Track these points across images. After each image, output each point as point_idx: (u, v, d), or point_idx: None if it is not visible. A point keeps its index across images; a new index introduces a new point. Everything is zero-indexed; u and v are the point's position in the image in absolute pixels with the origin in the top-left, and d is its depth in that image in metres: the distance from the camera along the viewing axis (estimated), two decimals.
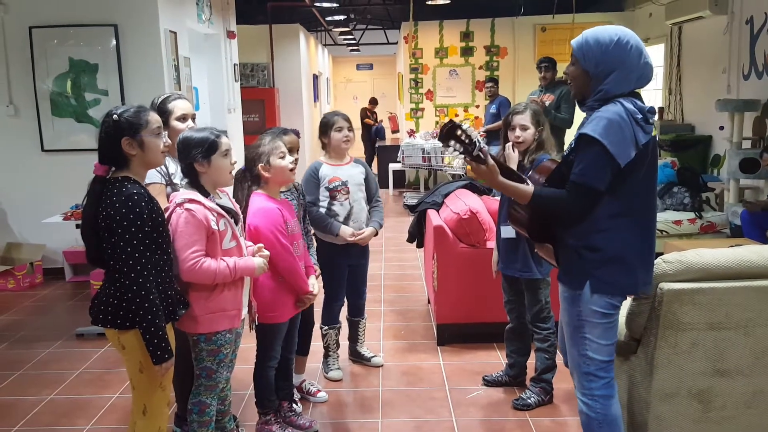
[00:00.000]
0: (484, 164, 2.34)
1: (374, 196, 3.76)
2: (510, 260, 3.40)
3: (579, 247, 2.35)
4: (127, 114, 2.29)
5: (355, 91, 18.16)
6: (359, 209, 3.64)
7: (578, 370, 2.46)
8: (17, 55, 5.78)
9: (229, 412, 2.86)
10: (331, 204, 3.58)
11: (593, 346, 2.39)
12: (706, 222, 6.04)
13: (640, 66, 2.28)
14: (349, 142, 3.60)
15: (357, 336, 3.98)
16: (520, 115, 3.26)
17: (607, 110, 2.25)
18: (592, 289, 2.33)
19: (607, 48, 2.26)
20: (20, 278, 5.82)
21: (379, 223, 3.71)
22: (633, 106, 2.25)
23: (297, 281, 3.01)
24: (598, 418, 2.42)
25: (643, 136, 2.24)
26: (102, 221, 2.23)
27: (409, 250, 6.68)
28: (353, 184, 3.62)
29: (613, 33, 2.28)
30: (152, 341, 2.25)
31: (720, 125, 6.93)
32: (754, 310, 2.56)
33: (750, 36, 6.47)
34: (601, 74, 2.29)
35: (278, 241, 2.89)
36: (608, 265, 2.32)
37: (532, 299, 3.41)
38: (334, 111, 3.76)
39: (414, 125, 10.93)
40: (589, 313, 2.36)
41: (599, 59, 2.28)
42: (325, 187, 3.56)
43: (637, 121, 2.23)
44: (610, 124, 2.21)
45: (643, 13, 9.53)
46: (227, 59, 7.97)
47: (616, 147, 2.21)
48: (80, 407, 3.55)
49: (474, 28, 10.67)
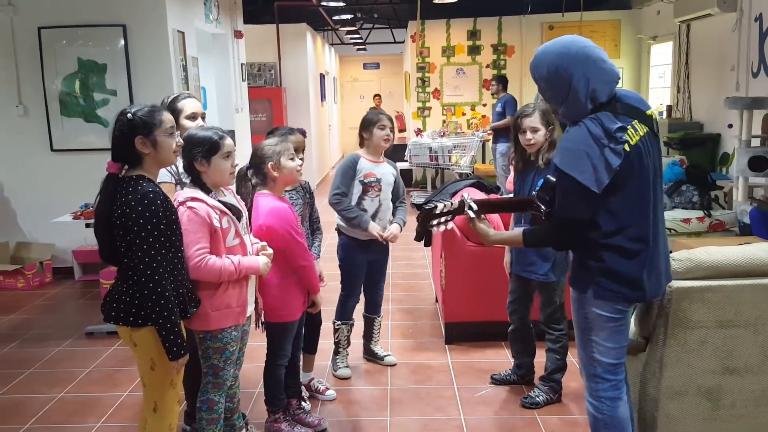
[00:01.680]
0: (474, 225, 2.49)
1: (401, 196, 3.84)
2: (525, 262, 3.38)
3: (584, 255, 2.36)
4: (141, 113, 2.30)
5: (362, 90, 18.15)
6: (386, 208, 3.72)
7: (586, 371, 2.47)
8: (26, 55, 5.82)
9: (238, 409, 2.87)
10: (361, 198, 3.64)
11: (600, 349, 2.39)
12: (715, 220, 6.02)
13: (582, 89, 2.20)
14: (388, 141, 3.67)
15: (372, 334, 4.00)
16: (529, 118, 3.24)
17: (569, 139, 2.23)
18: (595, 295, 2.34)
19: (551, 80, 2.26)
20: (30, 277, 5.85)
21: (403, 220, 3.79)
22: (599, 130, 2.16)
23: (311, 279, 3.04)
24: (605, 420, 2.42)
25: (614, 159, 2.14)
26: (117, 219, 2.24)
27: (417, 249, 6.68)
28: (385, 183, 3.69)
29: (552, 62, 2.23)
30: (168, 337, 2.27)
31: (729, 123, 6.90)
32: (764, 307, 2.55)
33: (759, 33, 6.43)
34: (555, 105, 2.33)
35: (293, 239, 2.90)
36: (611, 276, 2.30)
37: (546, 301, 3.39)
38: (378, 110, 3.87)
39: (421, 124, 10.93)
40: (595, 316, 2.37)
41: (547, 92, 2.32)
42: (359, 181, 3.62)
43: (604, 145, 2.15)
44: (575, 155, 2.17)
45: (652, 11, 9.48)
46: (235, 59, 7.99)
47: (586, 176, 2.14)
48: (90, 405, 3.58)
49: (481, 27, 10.66)
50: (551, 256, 3.28)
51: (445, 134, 9.89)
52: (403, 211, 3.83)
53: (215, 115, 7.59)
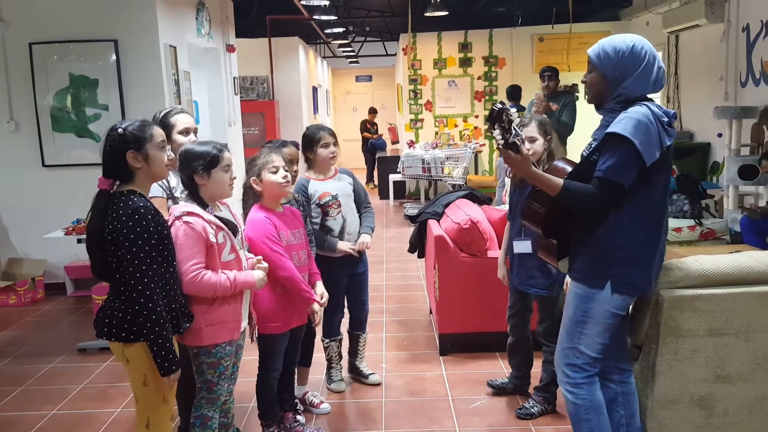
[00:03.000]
0: (518, 153, 2.39)
1: (364, 202, 3.72)
2: (524, 276, 3.37)
3: (601, 248, 2.40)
4: (132, 128, 2.31)
5: (355, 102, 18.21)
6: (352, 220, 3.62)
7: (565, 360, 2.53)
8: (18, 71, 5.82)
9: (232, 424, 2.86)
10: (324, 220, 3.54)
11: (587, 342, 2.47)
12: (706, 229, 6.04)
13: (654, 71, 2.38)
14: (335, 158, 3.55)
15: (357, 350, 3.92)
16: (526, 128, 3.23)
17: (636, 111, 2.33)
18: (613, 289, 2.40)
19: (623, 53, 2.37)
20: (22, 293, 5.82)
21: (371, 227, 3.69)
22: (658, 110, 2.34)
23: (296, 288, 2.99)
24: (585, 404, 2.50)
25: (667, 139, 2.34)
26: (108, 235, 2.24)
27: (411, 261, 6.68)
28: (343, 196, 3.58)
29: (628, 39, 2.41)
30: (160, 353, 2.26)
31: (718, 132, 6.95)
32: (754, 315, 2.57)
33: (746, 43, 6.50)
34: (619, 78, 2.39)
35: (269, 249, 2.90)
36: (628, 266, 2.40)
37: (545, 315, 3.37)
38: (318, 125, 3.69)
39: (414, 136, 10.96)
40: (600, 312, 2.42)
41: (615, 64, 2.38)
42: (316, 204, 3.52)
43: (662, 124, 2.32)
44: (639, 124, 2.29)
45: (640, 22, 9.57)
46: (227, 73, 8.01)
47: (644, 146, 2.29)
48: (83, 422, 3.55)
49: (472, 39, 10.73)
50: (552, 271, 3.27)
51: (438, 146, 9.93)
52: (371, 217, 3.72)
53: (208, 129, 7.60)
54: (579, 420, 2.53)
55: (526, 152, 2.41)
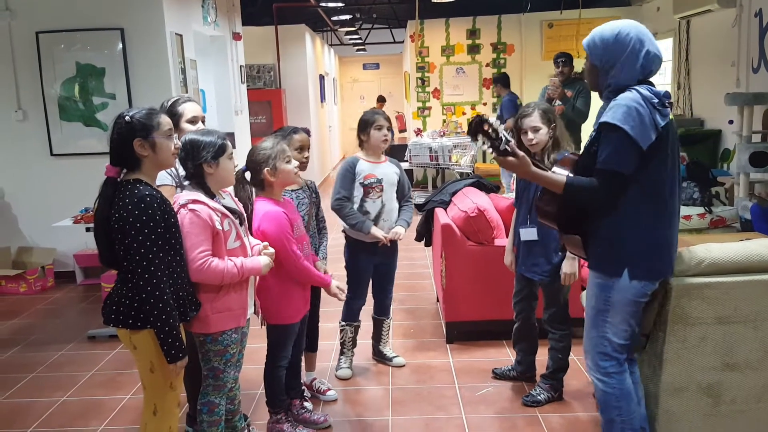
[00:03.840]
0: (514, 157, 2.38)
1: (406, 195, 3.78)
2: (530, 263, 3.37)
3: (614, 237, 2.40)
4: (139, 115, 2.31)
5: (362, 90, 18.15)
6: (390, 208, 3.67)
7: (594, 350, 2.53)
8: (25, 60, 5.83)
9: (239, 411, 2.87)
10: (363, 201, 3.61)
11: (613, 330, 2.48)
12: (716, 216, 6.00)
13: (641, 56, 2.35)
14: (387, 141, 3.64)
15: (381, 335, 3.99)
16: (529, 118, 3.22)
17: (624, 97, 2.33)
18: (631, 276, 2.39)
19: (608, 42, 2.38)
20: (32, 282, 5.86)
21: (407, 221, 3.74)
22: (648, 92, 2.32)
23: (311, 280, 3.05)
24: (615, 393, 2.51)
25: (661, 119, 2.32)
26: (115, 223, 2.25)
27: (418, 249, 6.67)
28: (387, 183, 3.65)
29: (615, 27, 2.39)
30: (167, 340, 2.27)
31: (729, 119, 6.89)
32: (763, 303, 2.55)
33: (759, 29, 6.41)
34: (606, 67, 2.40)
35: (285, 248, 2.89)
36: (645, 253, 2.39)
37: (550, 301, 3.37)
38: (374, 110, 3.79)
39: (421, 124, 10.92)
40: (621, 300, 2.43)
41: (602, 53, 2.40)
42: (360, 183, 3.60)
43: (654, 105, 2.30)
44: (629, 110, 2.29)
45: (651, 8, 9.47)
46: (233, 61, 7.99)
47: (636, 131, 2.28)
48: (93, 409, 3.58)
49: (480, 26, 10.64)
50: (556, 256, 3.26)
51: (445, 134, 9.89)
52: (409, 211, 3.77)
53: (215, 118, 7.59)
54: (609, 407, 2.54)
55: (522, 154, 2.39)
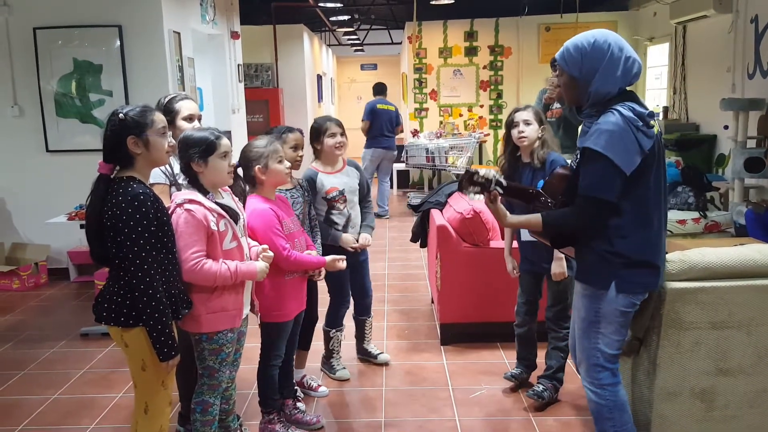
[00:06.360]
0: (495, 201, 2.45)
1: (366, 197, 3.75)
2: (537, 258, 3.35)
3: (603, 251, 2.38)
4: (133, 113, 2.30)
5: (360, 91, 18.14)
6: (356, 214, 3.66)
7: (588, 361, 2.51)
8: (22, 56, 5.81)
9: (233, 411, 2.86)
10: (329, 213, 3.56)
11: (605, 340, 2.46)
12: (711, 221, 6.02)
13: (620, 63, 2.31)
14: (341, 147, 3.56)
15: (363, 335, 3.99)
16: (523, 112, 3.28)
17: (607, 122, 2.27)
18: (618, 289, 2.38)
19: (586, 51, 2.32)
20: (25, 278, 5.84)
21: (371, 227, 3.72)
22: (631, 114, 2.26)
23: (306, 267, 3.06)
24: (608, 404, 2.49)
25: (646, 142, 2.26)
26: (107, 221, 2.24)
27: (413, 250, 6.68)
28: (349, 191, 3.61)
29: (589, 36, 2.35)
30: (159, 338, 2.26)
31: (725, 124, 6.91)
32: (757, 309, 2.56)
33: (755, 35, 6.44)
34: (587, 76, 2.33)
35: (273, 243, 2.88)
36: (633, 267, 2.37)
37: (556, 298, 3.36)
38: (325, 116, 3.71)
39: (418, 125, 10.93)
40: (610, 311, 2.41)
41: (581, 63, 2.33)
42: (323, 198, 3.54)
43: (637, 128, 2.24)
44: (612, 136, 2.24)
45: (648, 13, 9.50)
46: (231, 60, 7.98)
47: (620, 158, 2.24)
48: (84, 406, 3.57)
49: (478, 28, 10.66)
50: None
51: (442, 135, 9.89)
52: (371, 215, 3.75)
53: (211, 116, 7.58)
54: (602, 418, 2.52)
55: (501, 207, 2.47)
